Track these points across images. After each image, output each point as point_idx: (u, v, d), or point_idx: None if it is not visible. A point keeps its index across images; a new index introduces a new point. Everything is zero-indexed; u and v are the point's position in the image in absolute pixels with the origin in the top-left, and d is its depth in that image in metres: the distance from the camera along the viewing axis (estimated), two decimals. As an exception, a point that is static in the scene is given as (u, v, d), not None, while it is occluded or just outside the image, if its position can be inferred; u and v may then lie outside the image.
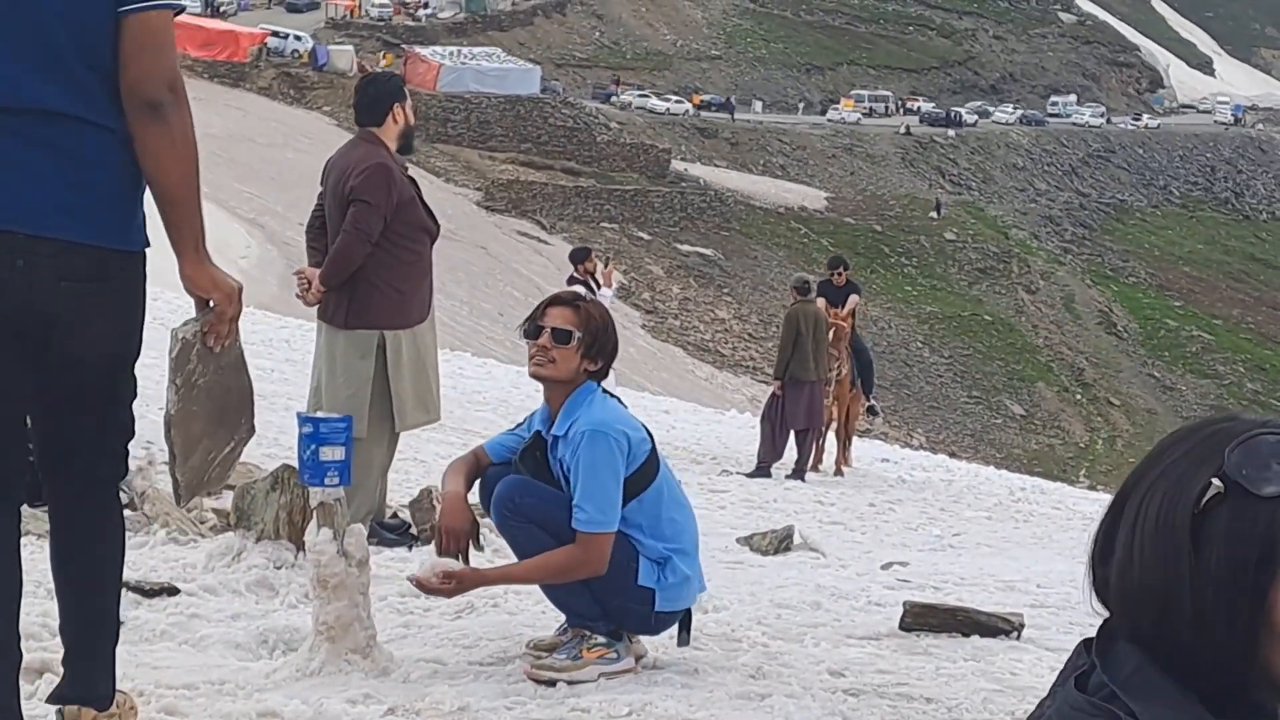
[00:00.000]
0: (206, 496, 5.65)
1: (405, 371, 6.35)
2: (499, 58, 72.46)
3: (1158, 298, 73.53)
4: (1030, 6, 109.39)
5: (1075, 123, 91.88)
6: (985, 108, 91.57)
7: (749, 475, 13.43)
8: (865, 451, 17.56)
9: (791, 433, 14.01)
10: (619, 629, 4.51)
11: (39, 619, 4.22)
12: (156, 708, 3.89)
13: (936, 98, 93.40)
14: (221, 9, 78.75)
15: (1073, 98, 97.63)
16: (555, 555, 4.32)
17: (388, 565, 5.76)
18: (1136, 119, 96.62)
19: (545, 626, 4.81)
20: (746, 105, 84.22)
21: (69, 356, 3.17)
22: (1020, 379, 60.86)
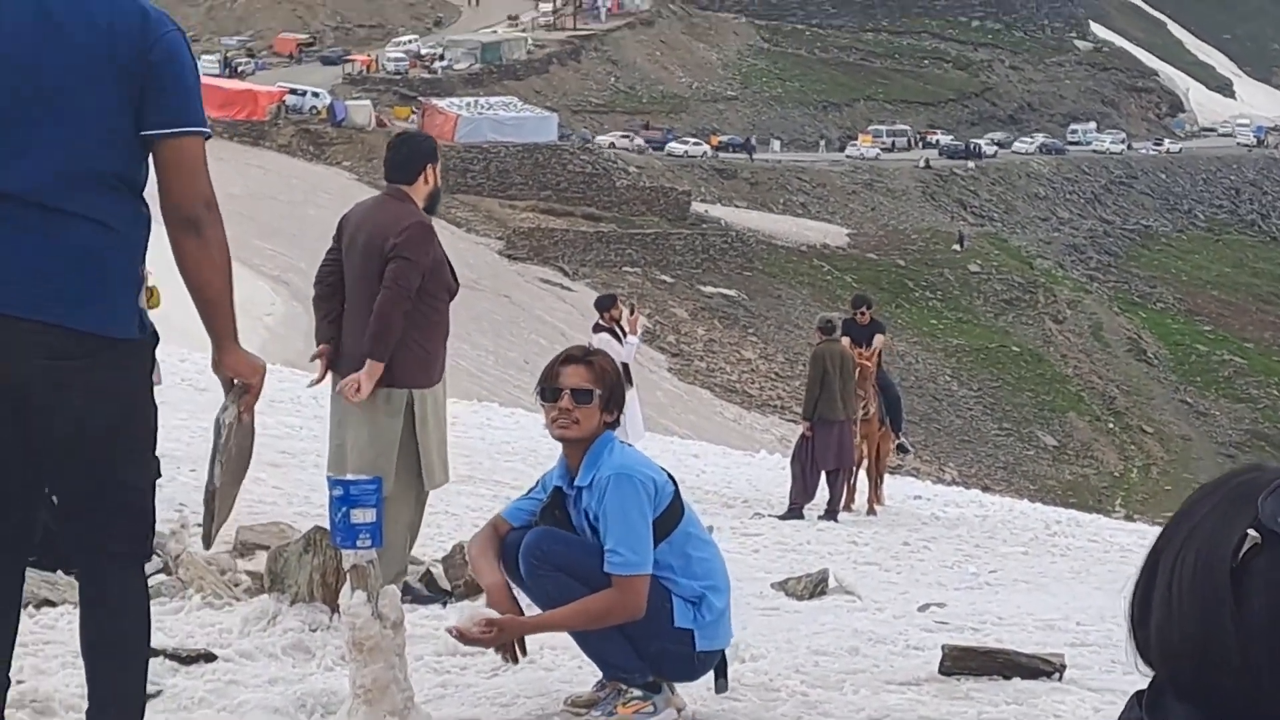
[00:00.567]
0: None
1: (431, 430, 6.35)
2: (516, 106, 72.89)
3: (1187, 323, 73.18)
4: (1046, 35, 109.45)
5: (1096, 150, 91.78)
6: (1005, 138, 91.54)
7: (781, 517, 13.38)
8: (898, 489, 17.47)
9: (823, 473, 13.97)
10: (658, 679, 4.48)
11: (78, 689, 4.22)
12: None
13: (955, 130, 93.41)
14: (240, 69, 79.52)
15: (1092, 125, 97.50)
16: (594, 600, 4.32)
17: (422, 624, 5.74)
18: (1158, 144, 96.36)
19: (582, 682, 4.78)
20: (765, 144, 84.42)
21: (45, 430, 3.34)
22: (1051, 409, 60.56)
